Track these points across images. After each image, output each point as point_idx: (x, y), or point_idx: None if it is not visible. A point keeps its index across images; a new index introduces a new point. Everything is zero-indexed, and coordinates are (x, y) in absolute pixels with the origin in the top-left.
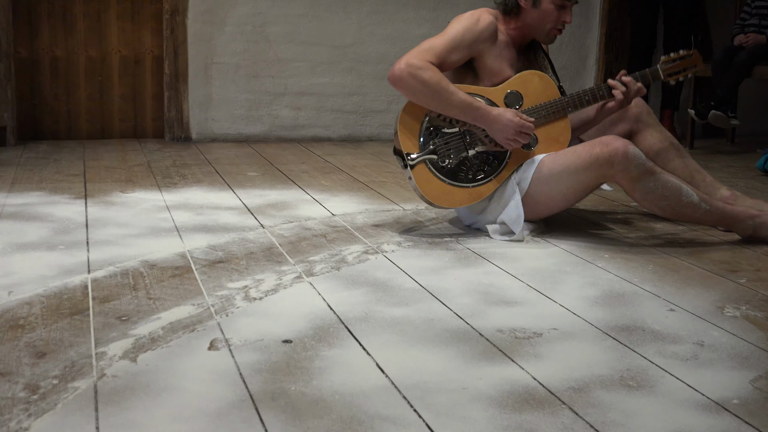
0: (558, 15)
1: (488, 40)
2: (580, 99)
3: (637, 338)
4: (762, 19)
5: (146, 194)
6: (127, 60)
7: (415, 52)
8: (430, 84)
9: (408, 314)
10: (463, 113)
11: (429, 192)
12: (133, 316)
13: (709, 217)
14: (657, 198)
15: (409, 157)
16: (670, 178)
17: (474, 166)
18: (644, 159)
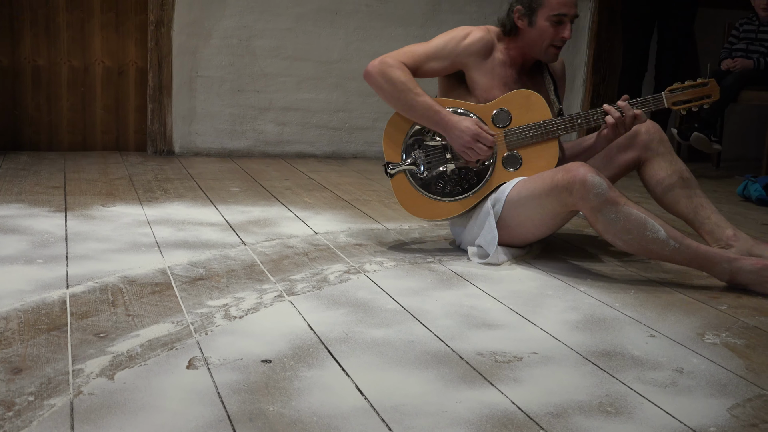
0: (555, 32)
1: (475, 55)
2: (572, 122)
3: (617, 364)
4: (749, 44)
5: (127, 208)
6: (110, 71)
7: (394, 52)
8: (396, 83)
9: (388, 336)
10: (424, 117)
11: (405, 202)
12: (112, 333)
13: (678, 256)
14: (619, 231)
15: (389, 166)
16: (634, 210)
17: (452, 181)
18: (605, 188)
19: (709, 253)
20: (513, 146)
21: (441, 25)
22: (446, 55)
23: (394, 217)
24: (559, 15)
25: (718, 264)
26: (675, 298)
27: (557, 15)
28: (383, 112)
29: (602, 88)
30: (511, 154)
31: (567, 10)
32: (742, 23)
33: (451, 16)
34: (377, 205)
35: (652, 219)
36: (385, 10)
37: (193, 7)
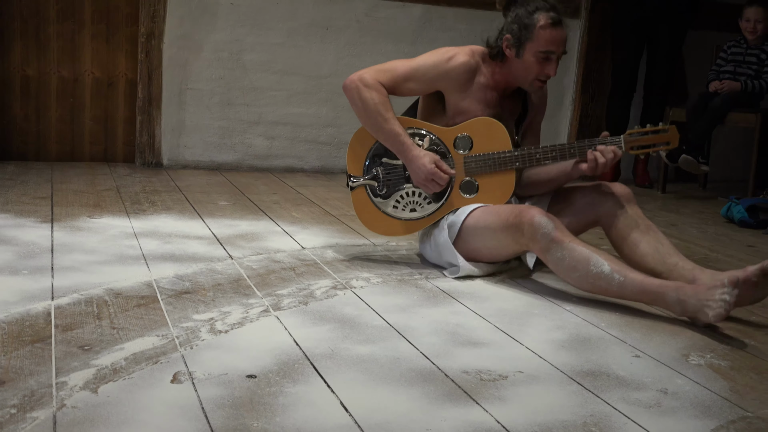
0: (540, 67)
1: (456, 79)
2: (530, 157)
3: (602, 384)
4: (737, 66)
5: (114, 220)
6: (100, 82)
7: (374, 68)
8: (368, 104)
9: (374, 352)
10: (390, 143)
11: (363, 216)
12: (96, 346)
13: (625, 290)
14: (567, 269)
15: (351, 179)
16: (579, 246)
17: (409, 201)
18: (551, 228)
19: (655, 286)
20: (471, 173)
21: (431, 42)
22: (426, 78)
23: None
24: (547, 52)
25: (665, 294)
26: (660, 319)
27: (544, 52)
28: None
29: (590, 108)
30: (468, 181)
31: (555, 48)
32: (730, 46)
33: (441, 33)
34: None
35: (596, 254)
36: (375, 26)
37: (185, 20)
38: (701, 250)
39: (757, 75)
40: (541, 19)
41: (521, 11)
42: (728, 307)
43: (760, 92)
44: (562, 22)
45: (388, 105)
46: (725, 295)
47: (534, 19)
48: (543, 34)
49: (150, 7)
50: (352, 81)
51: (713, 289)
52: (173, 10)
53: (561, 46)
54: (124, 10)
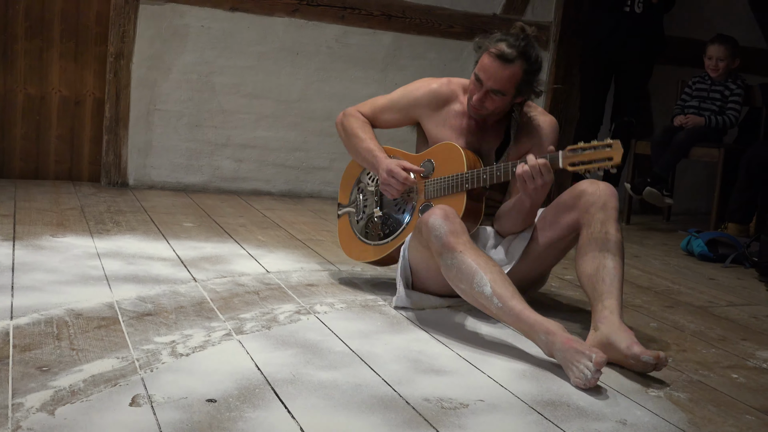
0: (473, 90)
1: (425, 107)
2: (478, 176)
3: (562, 414)
4: (702, 102)
5: (77, 240)
6: (67, 100)
7: (360, 104)
8: (347, 130)
9: (336, 378)
10: (365, 159)
11: (343, 243)
12: (54, 367)
13: (503, 315)
14: (454, 279)
15: (338, 207)
16: (468, 259)
17: (377, 226)
18: (444, 232)
19: (530, 320)
20: (429, 196)
21: (401, 69)
22: (399, 107)
23: (347, 258)
24: (477, 78)
25: (537, 333)
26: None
27: (476, 74)
28: (340, 152)
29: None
30: (426, 205)
31: (484, 78)
32: (695, 81)
33: (411, 62)
34: (331, 245)
35: (483, 271)
36: (345, 53)
37: (154, 41)
38: (664, 282)
39: (720, 111)
40: (497, 46)
41: (499, 33)
42: (588, 384)
43: (723, 128)
44: (510, 61)
45: (366, 128)
46: (587, 371)
47: (492, 43)
48: (483, 59)
49: (120, 27)
50: (338, 117)
51: (579, 355)
52: (143, 30)
53: (491, 81)
54: (94, 30)
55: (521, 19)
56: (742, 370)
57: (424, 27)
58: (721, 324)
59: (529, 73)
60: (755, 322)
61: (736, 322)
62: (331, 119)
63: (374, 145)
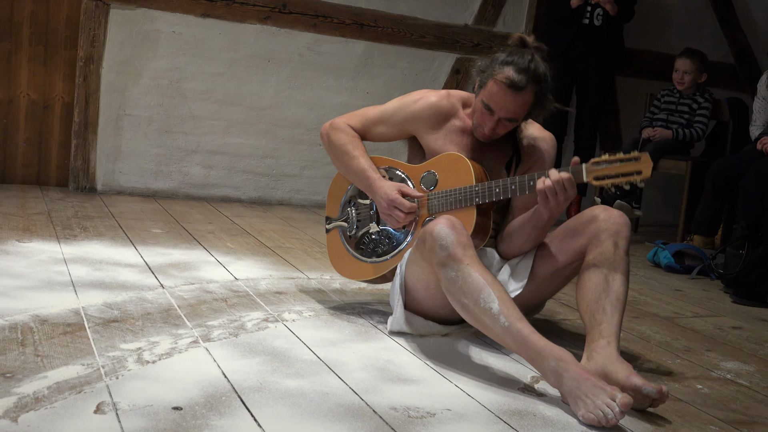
0: (481, 117)
1: (423, 122)
2: (490, 190)
3: (528, 423)
4: (670, 115)
5: (44, 245)
6: (35, 104)
7: (349, 114)
8: (336, 145)
9: (303, 387)
10: (357, 180)
11: (333, 258)
12: (18, 374)
13: (507, 337)
14: (457, 293)
15: (327, 221)
16: (475, 273)
17: (374, 242)
18: (451, 242)
19: (539, 345)
20: (433, 210)
21: (373, 78)
22: (394, 120)
23: (316, 266)
24: (488, 107)
25: (546, 360)
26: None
27: (486, 105)
28: (311, 160)
29: None
30: (430, 219)
31: (496, 108)
32: (663, 94)
33: (383, 71)
34: (300, 253)
35: (491, 288)
36: (317, 61)
37: (125, 45)
38: (630, 293)
39: (688, 124)
40: (504, 72)
41: (502, 54)
42: (607, 424)
43: (690, 141)
44: (522, 88)
45: (357, 144)
46: (608, 410)
47: (498, 68)
48: (492, 87)
49: (90, 31)
50: (324, 127)
51: (598, 390)
52: (113, 35)
53: (504, 111)
54: (63, 33)
55: (492, 31)
56: (706, 381)
57: (396, 36)
58: (686, 335)
59: (540, 95)
60: (720, 333)
61: (701, 333)
62: (302, 127)
63: (367, 164)
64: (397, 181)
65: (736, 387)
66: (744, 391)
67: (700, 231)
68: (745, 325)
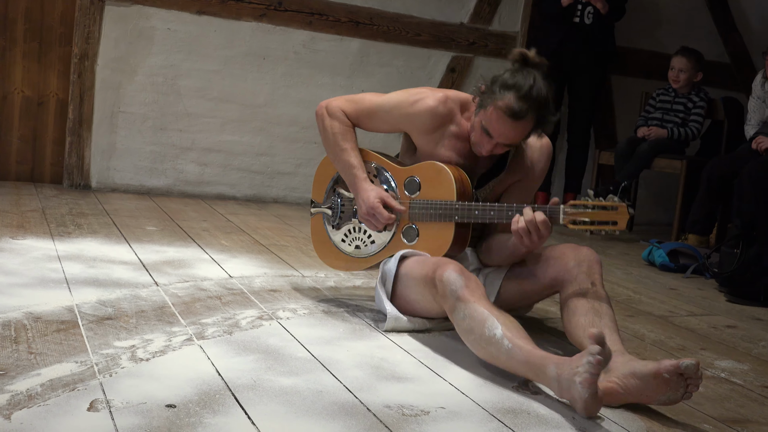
0: (479, 137)
1: (420, 125)
2: (469, 212)
3: (522, 421)
4: (665, 114)
5: (37, 242)
6: (29, 101)
7: (345, 97)
8: (328, 132)
9: (297, 384)
10: (344, 173)
11: (316, 243)
12: (12, 371)
13: (512, 359)
14: (465, 330)
15: (312, 204)
16: (480, 307)
17: (355, 237)
18: (459, 286)
19: (537, 357)
20: (414, 219)
21: (368, 76)
22: (388, 117)
23: (310, 264)
24: (486, 132)
25: (546, 368)
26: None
27: (485, 129)
28: (306, 158)
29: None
30: (410, 227)
31: (495, 135)
32: (659, 93)
33: (378, 69)
34: (295, 251)
35: (494, 316)
36: (313, 59)
37: (120, 42)
38: (625, 292)
39: (683, 123)
40: (505, 99)
41: (506, 75)
42: (592, 370)
43: (685, 140)
44: (523, 117)
45: (349, 135)
46: (589, 356)
47: (501, 94)
48: (492, 113)
49: (85, 28)
50: (320, 107)
51: (577, 359)
52: (108, 32)
53: (503, 138)
54: (58, 30)
55: (488, 29)
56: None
57: (392, 34)
58: (681, 333)
59: (540, 120)
60: (714, 332)
61: (695, 332)
62: (297, 125)
63: (356, 161)
64: (382, 181)
65: (730, 386)
66: (738, 389)
67: (694, 230)
68: (740, 324)
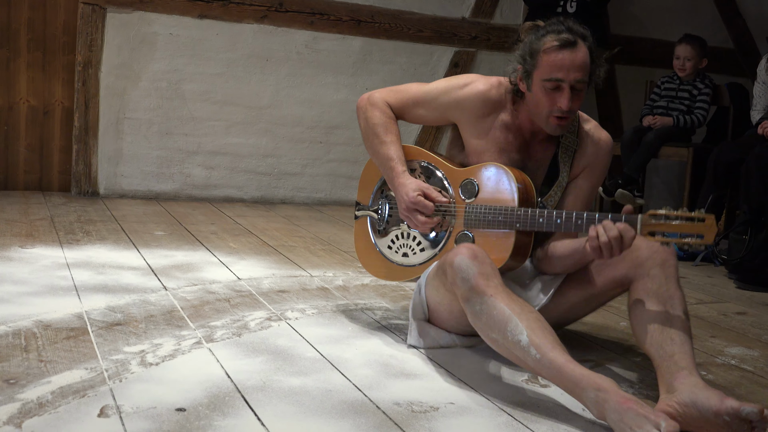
0: (550, 100)
1: (467, 111)
2: (532, 220)
3: (532, 415)
4: (670, 102)
5: (47, 250)
6: (35, 110)
7: (388, 88)
8: (369, 124)
9: (306, 384)
10: (382, 167)
11: (359, 249)
12: (22, 379)
13: (542, 369)
14: (484, 328)
15: (357, 206)
16: (500, 303)
17: (404, 243)
18: (473, 273)
19: (575, 375)
20: (470, 225)
21: (371, 74)
22: (436, 104)
23: (319, 264)
24: (553, 80)
25: (584, 390)
26: (596, 353)
27: (550, 80)
28: (312, 158)
29: None
30: (464, 233)
31: (563, 75)
32: (663, 81)
33: (381, 66)
34: (303, 251)
35: (518, 317)
36: (315, 58)
37: (123, 49)
38: None
39: (689, 110)
40: (548, 41)
41: (532, 37)
42: None
43: (691, 127)
44: (575, 43)
45: (391, 127)
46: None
47: (540, 43)
48: (547, 59)
49: (87, 35)
50: (361, 99)
51: (641, 420)
52: (111, 39)
53: (572, 72)
54: (61, 39)
55: (490, 23)
56: (711, 367)
57: (394, 31)
58: (690, 321)
59: (592, 50)
60: (724, 320)
61: (705, 320)
62: (301, 125)
63: (396, 154)
64: (436, 182)
65: (740, 372)
66: (748, 376)
67: None
68: (750, 311)
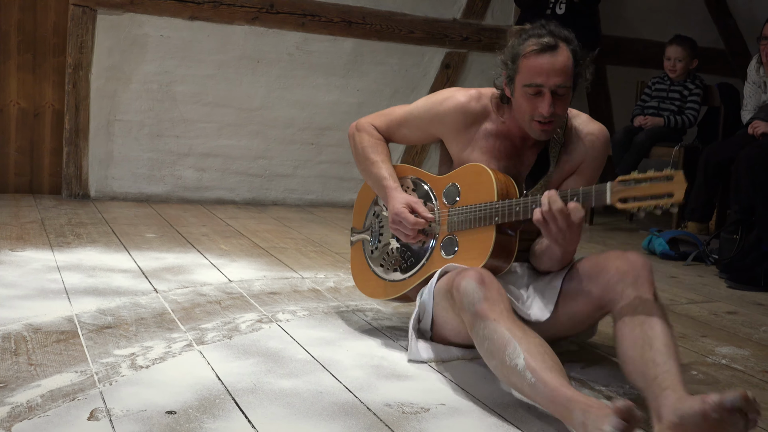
0: (532, 105)
1: (451, 124)
2: (509, 209)
3: (522, 416)
4: (661, 102)
5: (37, 253)
6: (25, 113)
7: (376, 113)
8: (358, 147)
9: (297, 386)
10: (375, 186)
11: (355, 275)
12: (12, 383)
13: (536, 394)
14: (486, 353)
15: (352, 232)
16: (501, 327)
17: (393, 259)
18: (478, 298)
19: (563, 397)
20: (453, 228)
21: (363, 75)
22: (419, 122)
23: (310, 265)
24: (533, 85)
25: (572, 412)
26: (589, 354)
27: (531, 85)
28: (303, 159)
29: None
30: (450, 238)
31: (543, 80)
32: (654, 82)
33: (372, 68)
34: (294, 253)
35: (517, 341)
36: (307, 60)
37: (113, 51)
38: None
39: (679, 111)
40: (528, 45)
41: (515, 41)
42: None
43: (682, 127)
44: (555, 47)
45: (380, 148)
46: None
47: (522, 47)
48: (527, 64)
49: (78, 37)
50: (351, 128)
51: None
52: (101, 41)
53: (552, 77)
54: (51, 41)
55: (481, 24)
56: (701, 367)
57: (385, 33)
58: (681, 321)
59: (575, 53)
60: (715, 319)
61: (696, 320)
62: (293, 127)
63: (387, 172)
64: (421, 194)
65: (731, 372)
66: (739, 375)
67: (693, 218)
68: (740, 310)
